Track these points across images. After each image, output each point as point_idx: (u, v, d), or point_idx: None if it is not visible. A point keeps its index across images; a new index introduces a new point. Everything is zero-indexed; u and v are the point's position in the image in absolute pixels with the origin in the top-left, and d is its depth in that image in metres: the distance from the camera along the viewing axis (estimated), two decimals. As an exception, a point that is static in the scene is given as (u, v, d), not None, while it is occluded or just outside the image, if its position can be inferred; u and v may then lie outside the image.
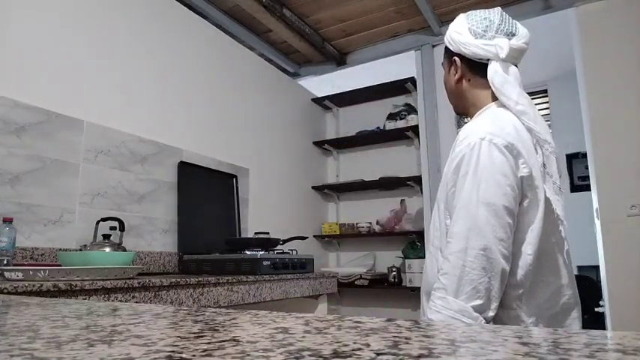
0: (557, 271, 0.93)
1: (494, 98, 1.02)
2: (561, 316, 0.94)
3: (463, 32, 1.03)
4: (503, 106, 0.99)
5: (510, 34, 1.02)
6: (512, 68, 1.01)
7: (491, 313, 0.83)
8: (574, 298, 0.96)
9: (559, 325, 0.92)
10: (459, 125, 1.11)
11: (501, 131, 0.91)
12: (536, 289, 0.90)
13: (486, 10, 1.05)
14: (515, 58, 1.02)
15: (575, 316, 0.96)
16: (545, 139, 0.94)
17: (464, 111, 1.11)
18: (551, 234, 0.94)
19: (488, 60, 1.00)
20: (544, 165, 0.93)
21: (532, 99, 1.00)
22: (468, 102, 1.07)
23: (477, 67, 1.03)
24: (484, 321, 0.83)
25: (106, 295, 1.27)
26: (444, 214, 0.96)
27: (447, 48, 1.11)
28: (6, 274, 1.23)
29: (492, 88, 1.00)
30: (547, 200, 0.92)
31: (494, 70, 0.99)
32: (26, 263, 1.60)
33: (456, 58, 1.07)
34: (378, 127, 3.60)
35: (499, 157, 0.88)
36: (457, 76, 1.07)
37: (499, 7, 1.06)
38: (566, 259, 0.96)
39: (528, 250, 0.89)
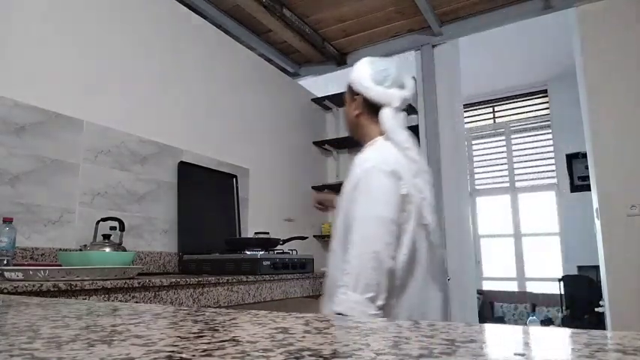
0: (423, 269, 1.16)
1: (381, 133, 1.26)
2: (432, 314, 1.17)
3: (366, 78, 1.26)
4: (387, 139, 1.23)
5: (402, 86, 1.26)
6: (401, 114, 1.25)
7: (380, 302, 1.05)
8: (442, 298, 1.20)
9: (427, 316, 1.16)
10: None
11: (387, 161, 1.16)
12: (409, 282, 1.13)
13: (386, 60, 1.29)
14: (403, 106, 1.25)
15: (439, 313, 1.20)
16: (423, 169, 1.22)
17: (358, 139, 1.34)
18: (421, 240, 1.16)
19: (382, 105, 1.24)
20: (421, 188, 1.18)
21: (532, 99, 1.11)
22: (363, 133, 1.31)
23: (372, 108, 1.26)
24: (375, 309, 1.04)
25: (106, 295, 1.27)
26: (344, 225, 1.17)
27: (349, 85, 1.32)
28: (6, 274, 1.23)
29: (383, 128, 1.23)
30: (420, 214, 1.16)
31: (386, 116, 1.23)
32: (26, 263, 1.60)
33: (357, 97, 1.29)
34: (378, 127, 3.60)
35: (385, 180, 1.12)
36: (357, 112, 1.30)
37: (397, 58, 1.29)
38: (433, 260, 1.18)
39: (404, 250, 1.12)
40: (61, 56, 1.89)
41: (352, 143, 3.82)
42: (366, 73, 1.27)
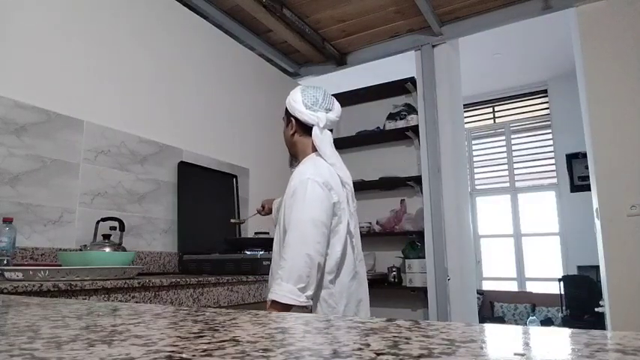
0: (352, 263, 1.39)
1: (315, 149, 1.46)
2: (364, 301, 1.43)
3: (298, 102, 1.45)
4: (320, 155, 1.45)
5: (328, 110, 1.46)
6: (328, 132, 1.46)
7: (309, 292, 1.24)
8: (365, 292, 1.45)
9: (363, 307, 1.41)
10: (291, 164, 1.62)
11: (320, 173, 1.36)
12: (342, 274, 1.36)
13: (316, 88, 1.49)
14: (330, 125, 1.47)
15: (366, 305, 1.44)
16: (347, 182, 1.44)
17: (295, 155, 1.55)
18: (349, 240, 1.39)
19: (312, 125, 1.44)
20: (347, 198, 1.41)
21: (532, 99, 1.19)
22: (298, 150, 1.51)
23: (305, 128, 1.47)
24: (305, 298, 1.23)
25: (106, 295, 1.27)
26: (282, 228, 1.37)
27: (286, 109, 1.51)
28: (6, 274, 1.23)
29: (314, 143, 1.44)
30: (348, 220, 1.38)
31: (315, 134, 1.44)
32: (26, 263, 1.60)
33: (292, 119, 1.48)
34: (378, 127, 3.60)
35: (319, 189, 1.32)
36: (292, 131, 1.50)
37: (324, 88, 1.51)
38: (356, 259, 1.42)
39: (337, 247, 1.34)
40: (61, 56, 1.89)
41: (352, 143, 3.83)
42: (298, 99, 1.46)
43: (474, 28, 3.09)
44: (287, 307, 1.22)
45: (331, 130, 1.50)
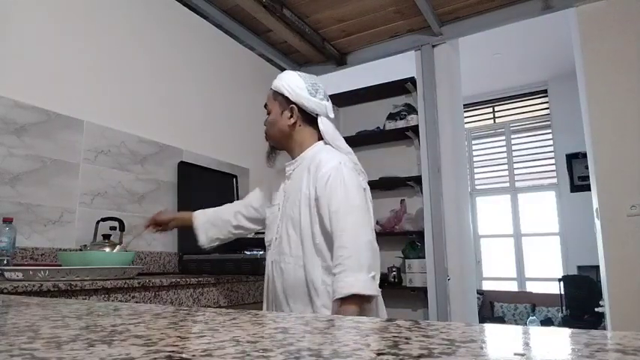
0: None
1: (319, 139, 1.36)
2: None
3: (302, 89, 1.32)
4: (326, 144, 1.34)
5: (327, 98, 1.37)
6: (331, 122, 1.39)
7: (378, 282, 1.18)
8: None
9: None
10: (269, 159, 1.47)
11: (346, 160, 1.29)
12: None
13: (309, 75, 1.39)
14: (331, 115, 1.39)
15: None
16: (362, 170, 1.36)
17: (285, 147, 1.41)
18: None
19: (317, 115, 1.34)
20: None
21: (532, 99, 1.19)
22: (295, 142, 1.38)
23: (308, 117, 1.35)
24: (376, 286, 1.16)
25: (106, 295, 1.27)
26: (312, 219, 1.25)
27: (281, 95, 1.36)
28: (6, 274, 1.23)
29: (325, 135, 1.33)
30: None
31: (325, 123, 1.34)
32: (26, 263, 1.60)
33: (294, 107, 1.34)
34: (378, 127, 3.60)
35: (354, 174, 1.26)
36: (292, 121, 1.35)
37: (315, 76, 1.41)
38: None
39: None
40: (61, 56, 1.89)
41: (352, 143, 3.81)
42: (302, 85, 1.33)
43: (474, 28, 3.09)
44: (367, 300, 1.14)
45: None
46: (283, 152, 1.48)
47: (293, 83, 1.34)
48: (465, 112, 4.50)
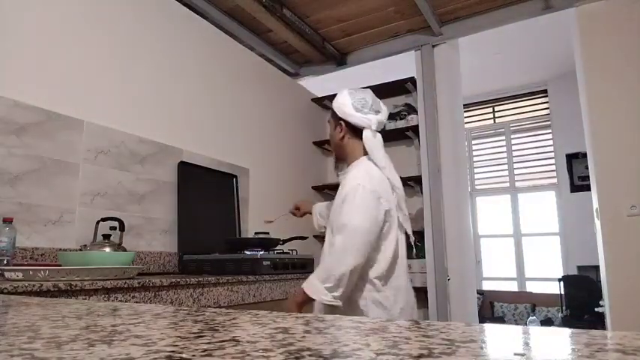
0: (404, 268, 1.46)
1: (365, 153, 1.49)
2: (412, 303, 1.46)
3: (348, 105, 1.47)
4: (371, 159, 1.47)
5: (377, 112, 1.48)
6: (379, 135, 1.49)
7: (337, 293, 1.30)
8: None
9: (415, 313, 1.49)
10: (337, 167, 1.65)
11: (370, 180, 1.40)
12: (396, 277, 1.41)
13: (363, 91, 1.52)
14: (379, 127, 1.49)
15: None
16: (397, 185, 1.46)
17: (343, 159, 1.57)
18: (401, 245, 1.45)
19: (363, 128, 1.47)
20: (398, 202, 1.45)
21: (532, 99, 1.23)
22: (347, 153, 1.54)
23: (355, 130, 1.49)
24: (332, 297, 1.30)
25: (106, 295, 1.27)
26: (331, 231, 1.45)
27: (334, 112, 1.53)
28: (6, 274, 1.23)
29: (365, 146, 1.47)
30: (400, 224, 1.44)
31: (366, 136, 1.46)
32: (26, 263, 1.60)
33: (342, 122, 1.51)
34: (378, 127, 3.60)
35: (368, 197, 1.37)
36: (341, 135, 1.52)
37: (370, 90, 1.53)
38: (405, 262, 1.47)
39: (388, 252, 1.39)
40: (60, 56, 1.89)
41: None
42: (347, 102, 1.48)
43: (474, 28, 3.09)
44: (311, 299, 1.35)
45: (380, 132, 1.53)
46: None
47: (340, 101, 1.51)
48: (465, 112, 4.50)
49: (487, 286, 5.55)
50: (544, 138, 5.44)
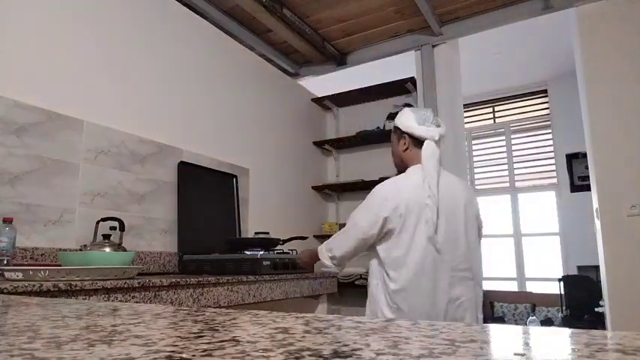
0: (420, 267, 1.44)
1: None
2: (453, 312, 1.45)
3: (411, 120, 1.61)
4: (422, 168, 1.55)
5: (438, 125, 1.61)
6: (437, 149, 1.59)
7: (334, 254, 1.59)
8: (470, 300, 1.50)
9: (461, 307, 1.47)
10: None
11: (389, 187, 1.55)
12: (405, 275, 1.44)
13: (424, 108, 1.71)
14: (440, 139, 1.61)
15: (467, 316, 1.48)
16: (434, 193, 1.49)
17: (403, 170, 1.64)
18: (428, 253, 1.45)
19: (425, 139, 1.58)
20: (421, 210, 1.47)
21: (532, 99, 1.27)
22: (407, 163, 1.63)
23: (417, 142, 1.60)
24: (329, 259, 1.61)
25: (106, 295, 1.27)
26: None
27: (397, 128, 1.66)
28: (6, 274, 1.23)
29: (422, 156, 1.56)
30: (421, 230, 1.45)
31: (426, 146, 1.57)
32: (26, 263, 1.60)
33: (406, 135, 1.62)
34: (378, 127, 3.60)
35: (373, 199, 1.53)
36: (405, 147, 1.63)
37: (430, 108, 1.71)
38: (438, 266, 1.45)
39: (395, 252, 1.47)
40: (61, 56, 1.89)
41: (352, 143, 3.83)
42: (411, 117, 1.61)
43: (474, 28, 3.09)
44: (318, 259, 1.66)
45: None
46: None
47: (403, 117, 1.64)
48: (465, 112, 4.50)
49: (487, 286, 5.53)
50: (544, 138, 5.44)
